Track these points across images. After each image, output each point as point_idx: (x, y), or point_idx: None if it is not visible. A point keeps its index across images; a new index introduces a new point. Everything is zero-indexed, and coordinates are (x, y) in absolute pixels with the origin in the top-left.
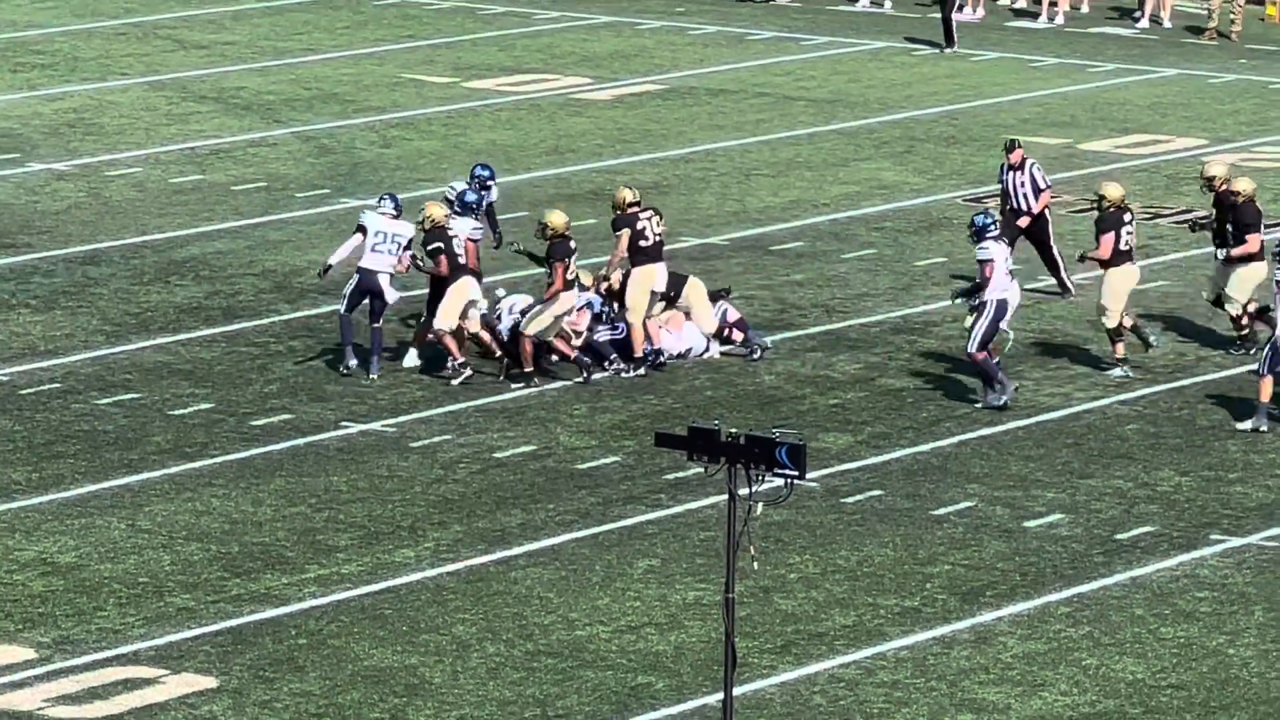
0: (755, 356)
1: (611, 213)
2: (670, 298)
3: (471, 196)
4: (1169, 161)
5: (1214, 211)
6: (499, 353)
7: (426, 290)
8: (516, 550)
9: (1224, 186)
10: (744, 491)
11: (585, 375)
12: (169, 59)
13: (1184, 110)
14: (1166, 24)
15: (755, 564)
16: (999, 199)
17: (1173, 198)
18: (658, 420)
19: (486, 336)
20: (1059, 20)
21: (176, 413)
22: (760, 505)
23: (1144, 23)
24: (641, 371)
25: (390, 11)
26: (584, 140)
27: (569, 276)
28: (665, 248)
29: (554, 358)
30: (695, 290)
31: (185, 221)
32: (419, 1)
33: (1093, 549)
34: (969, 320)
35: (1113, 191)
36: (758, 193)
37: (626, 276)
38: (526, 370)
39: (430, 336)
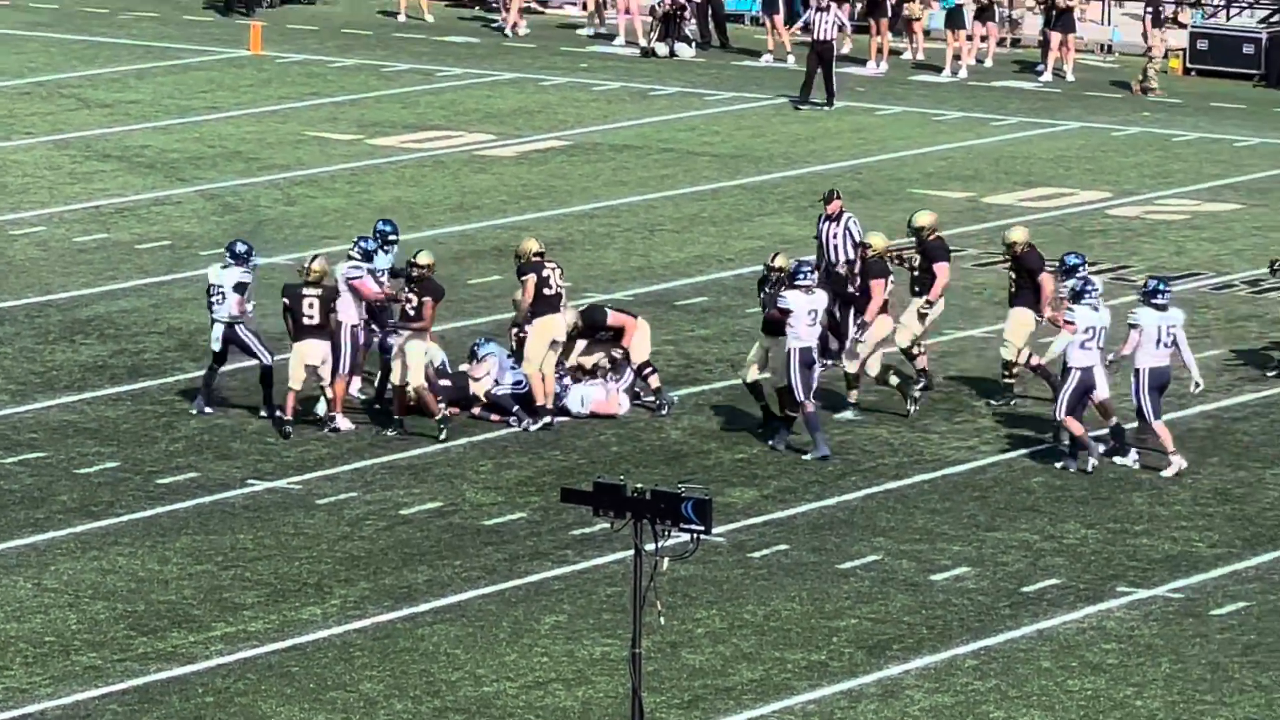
0: (663, 412)
1: (515, 262)
2: (613, 334)
3: (371, 245)
4: (1073, 214)
5: (917, 258)
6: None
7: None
8: (423, 607)
9: (931, 237)
10: (650, 547)
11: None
12: (73, 118)
13: (1087, 163)
14: (1069, 77)
15: (662, 619)
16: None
17: (1077, 250)
18: (563, 476)
19: (428, 396)
20: (962, 74)
21: (82, 471)
22: (666, 560)
23: (1047, 75)
24: (547, 420)
25: (294, 69)
26: (488, 197)
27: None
28: (569, 302)
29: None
30: (641, 330)
31: (90, 280)
32: (322, 59)
33: (999, 602)
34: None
35: (878, 242)
36: (662, 248)
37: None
38: (437, 417)
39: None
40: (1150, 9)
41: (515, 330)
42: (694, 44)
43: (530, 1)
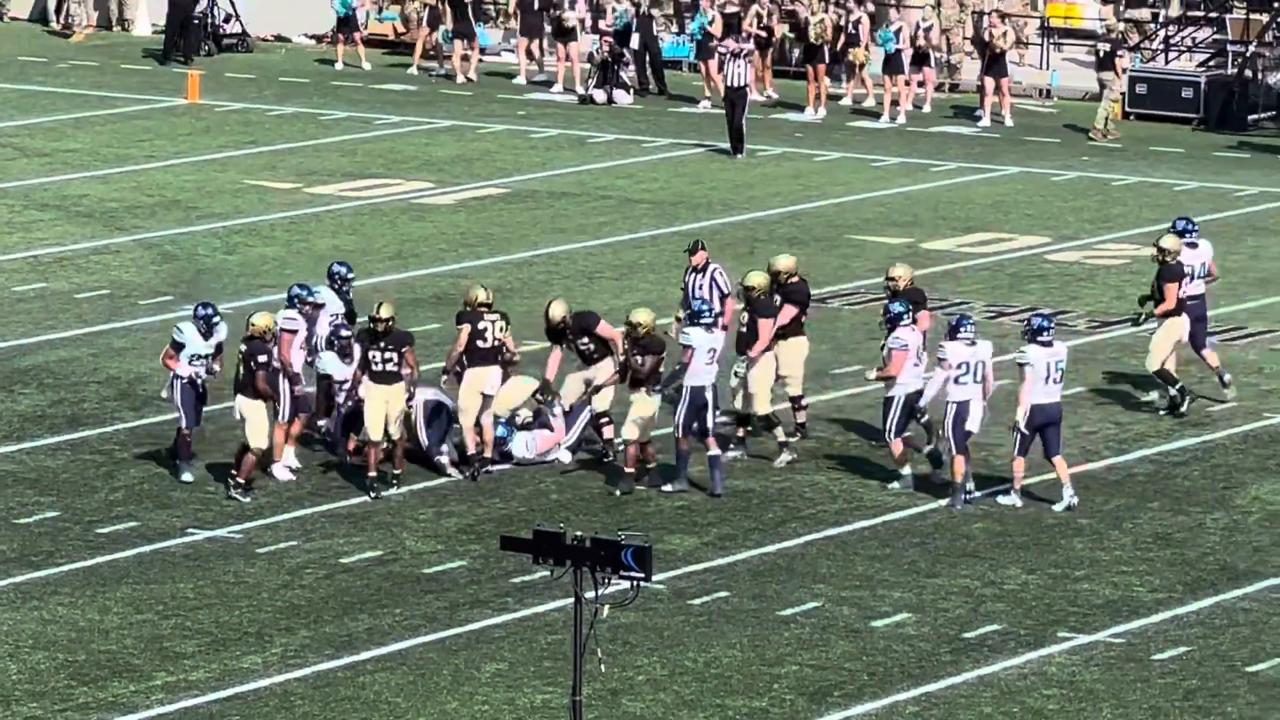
0: (606, 458)
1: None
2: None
3: (297, 291)
4: (1012, 260)
5: (779, 300)
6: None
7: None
8: (364, 655)
9: (790, 280)
10: (590, 594)
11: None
12: (10, 167)
13: (1026, 208)
14: (1008, 122)
15: (603, 666)
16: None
17: (1016, 296)
18: (503, 524)
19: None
20: (900, 120)
21: (22, 521)
22: (607, 608)
23: (985, 121)
24: (478, 466)
25: (232, 118)
26: (427, 245)
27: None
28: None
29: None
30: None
31: (28, 329)
32: (260, 108)
33: (940, 648)
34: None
35: (760, 280)
36: (601, 295)
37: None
38: (398, 471)
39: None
40: (1119, 52)
41: (444, 379)
42: (632, 91)
43: (468, 51)
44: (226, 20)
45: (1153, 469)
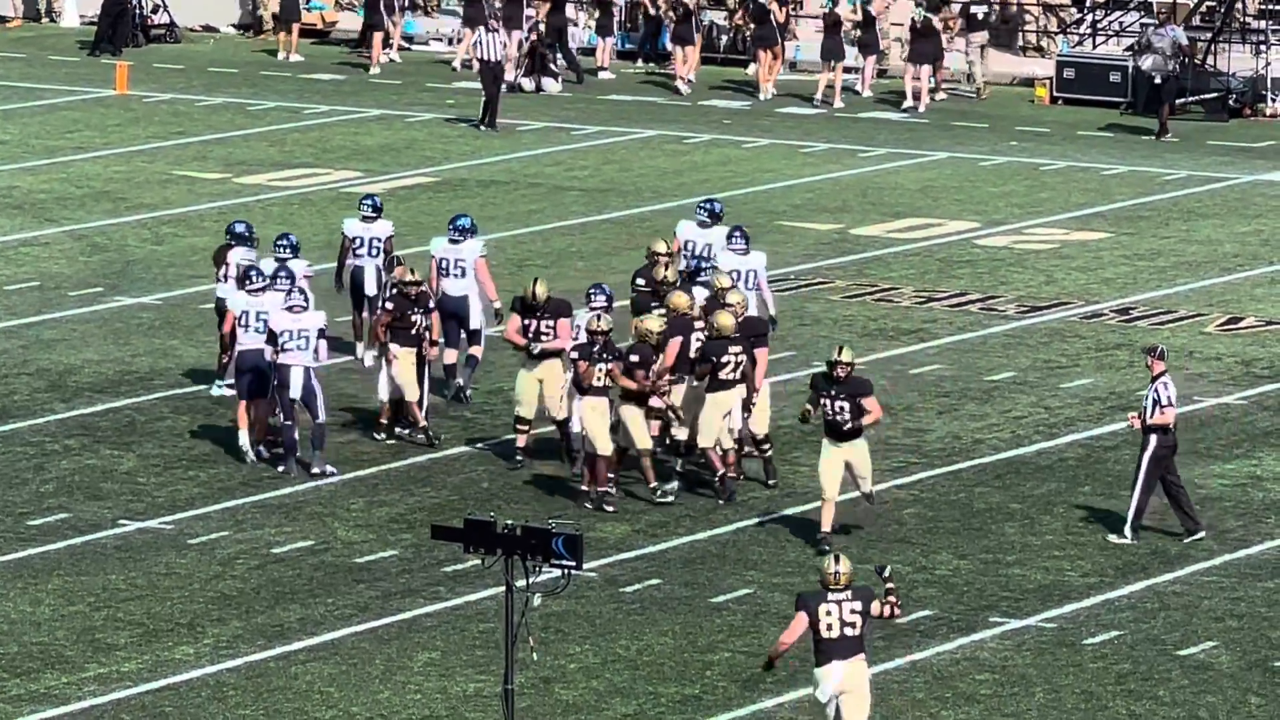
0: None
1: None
2: None
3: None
4: (941, 245)
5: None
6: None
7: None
8: (296, 645)
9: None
10: (521, 583)
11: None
12: None
13: (956, 193)
14: (919, 108)
15: (534, 655)
16: None
17: (946, 281)
18: (434, 513)
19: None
20: (837, 104)
21: None
22: (538, 596)
23: (908, 102)
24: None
25: (161, 109)
26: None
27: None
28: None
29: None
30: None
31: None
32: (189, 98)
33: (872, 633)
34: None
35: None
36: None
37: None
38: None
39: None
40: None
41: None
42: (559, 79)
43: (395, 40)
44: (154, 11)
45: (1083, 453)
